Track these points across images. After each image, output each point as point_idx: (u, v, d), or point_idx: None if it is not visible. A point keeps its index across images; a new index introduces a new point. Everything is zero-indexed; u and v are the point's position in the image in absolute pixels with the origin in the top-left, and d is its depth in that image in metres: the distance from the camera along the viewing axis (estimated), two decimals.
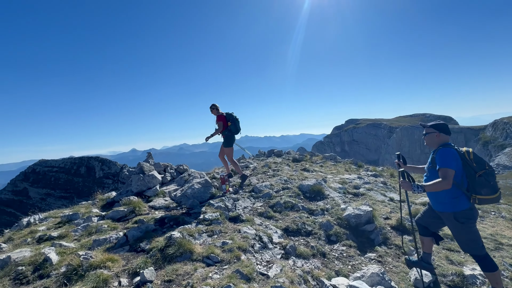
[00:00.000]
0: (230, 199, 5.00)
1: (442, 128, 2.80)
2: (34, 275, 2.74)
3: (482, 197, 2.54)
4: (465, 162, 2.59)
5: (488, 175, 2.52)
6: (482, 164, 2.56)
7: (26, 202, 73.87)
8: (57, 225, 4.21)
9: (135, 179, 5.53)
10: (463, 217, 2.62)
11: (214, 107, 5.96)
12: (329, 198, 5.33)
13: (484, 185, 2.51)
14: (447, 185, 2.49)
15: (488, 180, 2.51)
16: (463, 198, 2.62)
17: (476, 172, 2.53)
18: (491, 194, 2.52)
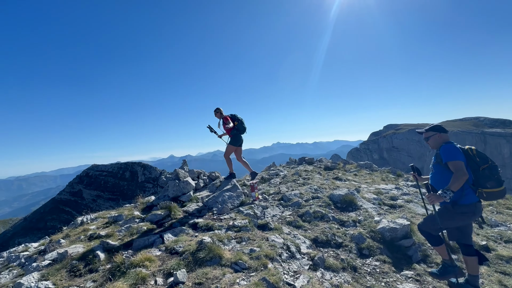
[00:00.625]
0: (259, 206, 5.08)
1: (439, 128, 2.98)
2: (85, 269, 3.11)
3: (488, 190, 2.60)
4: (468, 157, 2.69)
5: (491, 169, 2.60)
6: (485, 159, 2.65)
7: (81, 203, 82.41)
8: (105, 225, 4.70)
9: (171, 184, 5.92)
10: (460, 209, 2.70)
11: (218, 110, 6.21)
12: (362, 209, 5.10)
13: (489, 178, 2.58)
14: (464, 175, 2.55)
15: (492, 173, 2.58)
16: (469, 191, 2.68)
17: (480, 166, 2.62)
18: (496, 187, 2.58)
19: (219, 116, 6.24)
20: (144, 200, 6.49)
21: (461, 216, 2.73)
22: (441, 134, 2.94)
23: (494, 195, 2.61)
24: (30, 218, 74.06)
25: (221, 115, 6.24)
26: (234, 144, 6.22)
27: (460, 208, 2.70)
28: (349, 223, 4.47)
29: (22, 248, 5.59)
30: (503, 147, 45.57)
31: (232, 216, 4.59)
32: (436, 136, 2.95)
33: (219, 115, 6.24)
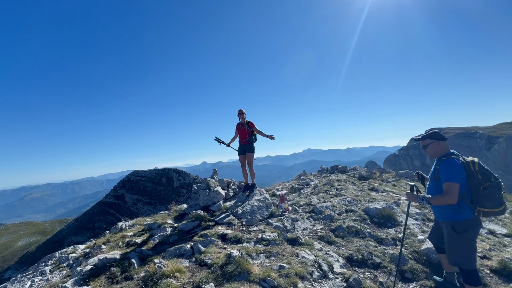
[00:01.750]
0: (289, 219, 4.93)
1: (438, 136, 2.72)
2: (121, 276, 3.26)
3: (487, 210, 2.46)
4: (469, 173, 2.49)
5: (493, 187, 2.42)
6: (488, 176, 2.45)
7: (123, 206, 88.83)
8: (141, 232, 4.95)
9: (202, 194, 6.05)
10: (462, 228, 2.55)
11: (243, 112, 6.15)
12: (402, 225, 4.65)
13: (489, 198, 2.43)
14: (452, 200, 2.43)
15: (493, 192, 2.42)
16: (466, 208, 2.54)
17: (481, 184, 2.44)
18: (496, 207, 2.44)
19: (243, 118, 6.20)
20: (177, 208, 6.73)
21: (464, 235, 2.56)
22: (440, 142, 2.71)
23: (492, 214, 2.48)
24: (81, 218, 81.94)
25: (245, 117, 6.21)
26: (253, 151, 6.17)
27: (459, 226, 2.58)
28: (388, 241, 4.09)
29: (71, 249, 6.13)
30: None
31: (261, 228, 4.51)
32: (435, 144, 2.73)
33: (243, 117, 6.19)
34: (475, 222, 2.57)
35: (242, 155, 6.33)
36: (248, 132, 6.13)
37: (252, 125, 6.15)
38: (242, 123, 6.22)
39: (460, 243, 2.59)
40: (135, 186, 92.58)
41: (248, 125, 6.14)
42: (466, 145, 62.08)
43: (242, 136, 6.25)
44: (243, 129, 6.18)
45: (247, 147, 6.21)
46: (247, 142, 6.20)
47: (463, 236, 2.55)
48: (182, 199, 79.55)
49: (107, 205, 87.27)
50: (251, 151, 6.16)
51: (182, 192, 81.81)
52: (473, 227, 2.57)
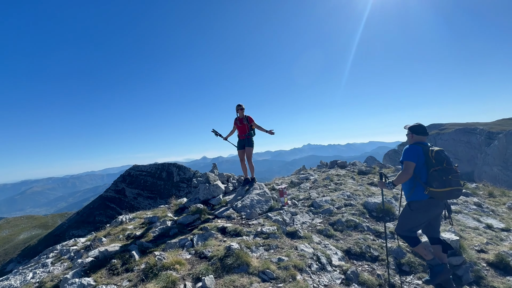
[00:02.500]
0: (288, 212, 4.96)
1: (415, 130, 3.18)
2: (122, 268, 3.30)
3: (433, 189, 2.84)
4: (427, 158, 2.92)
5: (442, 171, 2.80)
6: (441, 162, 2.84)
7: (124, 200, 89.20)
8: (141, 225, 4.98)
9: (201, 188, 6.08)
10: (415, 206, 3.04)
11: (242, 107, 6.12)
12: None
13: (436, 179, 2.81)
14: (407, 174, 2.94)
15: (441, 175, 2.79)
16: (419, 188, 2.97)
17: (433, 167, 2.85)
18: (440, 187, 2.80)
19: (242, 113, 6.19)
20: (177, 202, 6.76)
21: (415, 213, 3.05)
22: (414, 135, 3.18)
23: (439, 195, 2.84)
24: (81, 212, 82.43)
25: (243, 112, 6.20)
26: (252, 146, 6.17)
27: (412, 205, 3.06)
28: (387, 234, 4.12)
29: (72, 242, 6.18)
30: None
31: (260, 221, 4.54)
32: (410, 136, 3.24)
33: (242, 112, 6.18)
34: (427, 204, 2.98)
35: (241, 150, 6.33)
36: (247, 127, 6.12)
37: (251, 120, 6.13)
38: (241, 118, 6.20)
39: (407, 215, 3.14)
40: (135, 180, 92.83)
41: (247, 119, 6.12)
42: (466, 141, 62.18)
43: (241, 131, 6.24)
44: (242, 124, 6.17)
45: (246, 142, 6.21)
46: (246, 137, 6.19)
47: (414, 213, 3.06)
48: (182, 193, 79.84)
49: (107, 199, 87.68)
50: (250, 145, 6.16)
51: (182, 186, 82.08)
52: (424, 208, 3.00)
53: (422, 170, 2.94)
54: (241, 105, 6.18)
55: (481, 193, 7.92)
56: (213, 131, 6.49)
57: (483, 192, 7.97)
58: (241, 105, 6.18)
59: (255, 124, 6.09)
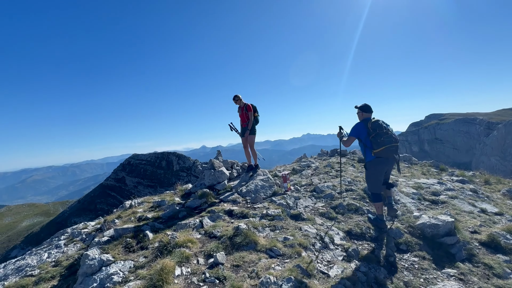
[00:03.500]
0: (291, 197, 5.16)
1: (364, 108, 4.00)
2: (137, 246, 3.51)
3: (376, 150, 3.75)
4: (367, 129, 3.81)
5: (376, 136, 3.71)
6: (375, 130, 3.73)
7: (124, 188, 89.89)
8: (150, 209, 5.19)
9: (207, 173, 6.26)
10: (368, 166, 4.00)
11: (238, 98, 6.21)
12: (400, 203, 4.90)
13: (374, 143, 3.74)
14: (347, 144, 4.06)
15: (376, 139, 3.71)
16: (369, 153, 3.91)
17: (371, 135, 3.76)
18: (379, 147, 3.69)
19: (240, 103, 6.28)
20: (183, 187, 6.97)
21: (370, 170, 4.00)
22: (363, 113, 4.01)
23: (381, 153, 3.73)
24: (82, 200, 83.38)
25: (241, 102, 6.29)
26: (254, 133, 6.30)
27: (367, 165, 4.03)
28: (385, 217, 4.34)
29: (82, 225, 6.42)
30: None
31: (265, 205, 4.75)
32: (360, 114, 4.06)
33: (241, 102, 6.27)
34: (374, 162, 3.90)
35: (244, 137, 6.48)
36: (246, 115, 6.23)
37: (250, 108, 6.22)
38: (241, 106, 6.32)
39: (368, 176, 4.09)
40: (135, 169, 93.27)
41: (246, 108, 6.22)
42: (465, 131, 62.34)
43: (242, 119, 6.37)
44: (242, 113, 6.30)
45: (244, 130, 6.35)
46: (247, 125, 6.32)
47: (369, 171, 4.01)
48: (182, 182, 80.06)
49: (108, 188, 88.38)
50: (252, 133, 6.29)
51: (182, 175, 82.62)
52: (375, 166, 3.92)
53: (367, 139, 3.86)
54: (236, 96, 6.28)
55: (478, 181, 8.16)
56: (230, 124, 6.60)
57: (479, 180, 8.20)
58: (236, 96, 6.28)
59: (250, 115, 6.18)
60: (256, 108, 6.41)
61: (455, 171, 9.17)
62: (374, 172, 3.96)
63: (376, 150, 3.72)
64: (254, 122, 6.32)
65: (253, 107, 6.37)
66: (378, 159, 3.83)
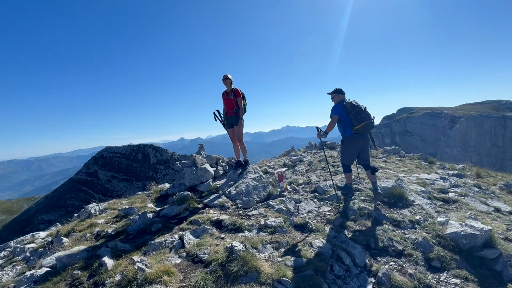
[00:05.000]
0: (291, 200, 4.33)
1: (339, 91, 4.34)
2: (89, 281, 2.48)
3: (356, 127, 4.06)
4: (346, 109, 4.12)
5: (356, 113, 4.02)
6: (354, 108, 4.05)
7: (97, 183, 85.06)
8: (114, 219, 4.09)
9: (187, 172, 5.22)
10: (345, 141, 4.30)
11: (229, 78, 5.22)
12: (415, 205, 4.26)
13: (355, 120, 4.04)
14: (333, 124, 4.19)
15: (356, 116, 4.02)
16: (348, 129, 4.20)
17: (350, 113, 4.07)
18: (358, 124, 4.03)
19: (229, 85, 5.26)
20: (158, 188, 5.88)
21: (345, 145, 4.33)
22: (339, 95, 4.34)
23: (360, 130, 4.08)
24: (51, 196, 77.55)
25: (230, 85, 5.28)
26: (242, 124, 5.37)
27: (344, 140, 4.33)
28: (406, 223, 3.65)
29: (29, 238, 5.15)
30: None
31: (261, 211, 3.87)
32: (336, 96, 4.35)
33: (228, 84, 5.25)
34: (352, 137, 4.22)
35: (230, 129, 5.50)
36: (235, 101, 5.24)
37: (239, 94, 5.24)
38: (228, 91, 5.31)
39: (344, 149, 4.39)
40: (108, 162, 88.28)
41: (234, 93, 5.23)
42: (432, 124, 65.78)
43: (228, 106, 5.36)
44: (228, 98, 5.29)
45: (234, 120, 5.36)
46: (233, 114, 5.34)
47: (346, 145, 4.32)
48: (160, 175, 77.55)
49: (79, 182, 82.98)
50: (238, 123, 5.33)
51: (159, 168, 79.60)
52: (351, 141, 4.25)
53: (347, 118, 4.16)
54: (226, 76, 5.26)
55: (469, 174, 7.89)
56: (215, 113, 5.52)
57: (470, 173, 7.95)
58: (226, 76, 5.26)
59: (239, 101, 5.21)
60: (245, 96, 5.44)
61: (445, 164, 8.91)
62: (351, 147, 4.29)
63: (357, 127, 4.05)
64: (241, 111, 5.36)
65: (242, 92, 5.39)
66: (356, 134, 4.16)
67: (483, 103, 67.13)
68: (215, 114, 5.50)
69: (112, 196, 28.78)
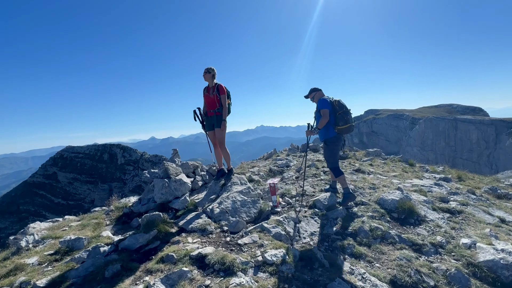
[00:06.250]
0: (289, 220, 3.55)
1: (317, 89, 4.30)
2: None
3: (340, 127, 3.96)
4: (333, 106, 4.00)
5: (344, 114, 3.93)
6: (342, 107, 3.96)
7: (56, 186, 77.90)
8: (53, 256, 2.97)
9: (158, 185, 4.21)
10: (330, 142, 4.10)
11: (215, 73, 4.43)
12: (429, 221, 3.73)
13: (341, 120, 3.93)
14: (326, 119, 3.91)
15: (343, 116, 3.93)
16: (331, 128, 4.04)
17: (338, 112, 3.95)
18: (344, 125, 3.93)
19: (211, 80, 4.42)
20: (121, 203, 4.76)
21: (331, 146, 4.08)
22: (319, 92, 4.25)
23: (343, 131, 3.97)
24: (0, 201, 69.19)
25: (214, 79, 4.44)
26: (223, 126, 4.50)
27: (328, 141, 4.08)
28: (428, 248, 3.07)
29: None
30: (471, 133, 48.01)
31: (255, 238, 3.04)
32: (317, 94, 4.25)
33: (210, 78, 4.41)
34: (336, 138, 4.03)
35: (210, 131, 4.61)
36: (217, 99, 4.36)
37: (223, 90, 4.37)
38: (209, 87, 4.42)
39: (328, 152, 4.14)
40: (70, 163, 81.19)
41: (218, 89, 4.35)
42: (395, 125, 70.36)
43: (209, 104, 4.48)
44: (210, 95, 4.41)
45: (215, 121, 4.48)
46: (215, 114, 4.46)
47: (331, 147, 4.07)
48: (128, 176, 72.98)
49: (35, 186, 75.12)
50: (220, 125, 4.46)
51: (128, 169, 75.06)
52: (335, 141, 4.04)
53: (331, 115, 3.97)
54: (208, 69, 4.37)
55: (450, 177, 7.81)
56: (195, 111, 4.53)
57: (451, 176, 7.87)
58: (208, 69, 4.37)
59: (223, 99, 4.35)
60: (230, 94, 4.56)
61: (425, 166, 8.84)
62: (335, 148, 4.10)
63: (341, 127, 3.92)
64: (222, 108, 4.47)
65: (227, 90, 4.51)
66: (338, 135, 4.05)
67: (438, 106, 73.21)
68: (195, 113, 4.55)
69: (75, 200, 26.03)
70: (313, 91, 4.26)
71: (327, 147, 4.11)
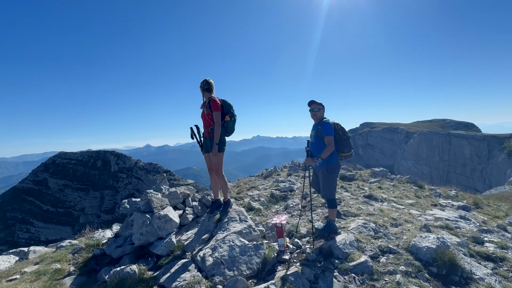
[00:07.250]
0: (302, 277, 2.75)
1: (322, 105, 3.81)
2: None
3: (344, 154, 3.76)
4: (336, 131, 3.72)
5: (347, 139, 3.74)
6: (345, 133, 3.75)
7: (46, 192, 75.85)
8: None
9: (138, 222, 3.38)
10: (332, 169, 3.74)
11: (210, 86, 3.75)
12: (478, 279, 2.97)
13: (346, 146, 3.73)
14: (332, 148, 3.57)
15: (348, 142, 3.75)
16: (335, 155, 3.71)
17: (342, 138, 3.72)
18: (348, 152, 3.76)
19: (203, 94, 3.78)
20: (93, 240, 3.92)
21: (333, 174, 3.78)
22: (322, 110, 3.83)
23: (347, 157, 3.81)
24: None
25: (211, 93, 3.77)
26: (221, 150, 3.79)
27: (331, 169, 3.74)
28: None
29: None
30: (464, 148, 48.31)
31: None
32: (323, 110, 3.83)
33: (208, 94, 3.75)
34: (338, 165, 3.83)
35: (206, 153, 3.87)
36: (210, 117, 3.65)
37: (216, 106, 3.63)
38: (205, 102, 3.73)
39: (329, 181, 3.79)
40: (62, 169, 79.20)
41: (210, 105, 3.63)
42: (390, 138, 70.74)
43: (204, 123, 3.84)
44: (204, 113, 3.76)
45: (209, 143, 3.78)
46: (208, 134, 3.78)
47: (332, 176, 3.79)
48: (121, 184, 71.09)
49: (23, 192, 72.79)
50: (219, 149, 3.75)
51: (121, 177, 73.33)
52: (337, 169, 3.83)
53: (334, 142, 3.68)
54: (204, 81, 3.68)
55: (465, 202, 7.12)
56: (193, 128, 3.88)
57: (466, 202, 7.18)
58: (204, 81, 3.68)
59: (216, 117, 3.63)
60: (231, 107, 3.83)
61: (435, 189, 8.15)
62: (335, 176, 3.83)
63: (346, 154, 3.77)
64: (223, 131, 3.74)
65: (225, 105, 3.78)
66: (339, 162, 3.83)
67: (432, 121, 73.97)
68: (192, 130, 3.82)
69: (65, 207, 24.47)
70: (322, 106, 3.79)
71: (329, 176, 3.73)
